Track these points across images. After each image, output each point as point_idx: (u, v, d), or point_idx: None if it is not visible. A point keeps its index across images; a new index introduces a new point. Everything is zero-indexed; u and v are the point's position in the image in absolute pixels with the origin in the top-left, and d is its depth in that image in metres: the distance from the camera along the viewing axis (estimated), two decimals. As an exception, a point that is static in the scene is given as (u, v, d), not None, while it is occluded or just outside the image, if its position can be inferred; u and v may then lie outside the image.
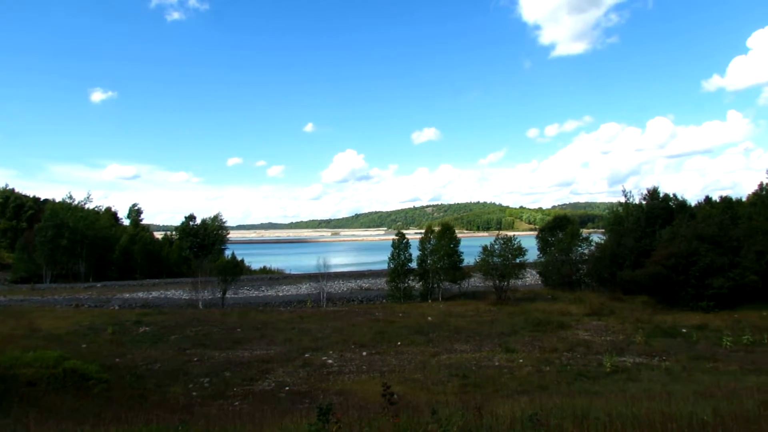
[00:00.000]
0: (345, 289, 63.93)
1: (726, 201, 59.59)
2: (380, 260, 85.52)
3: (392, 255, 55.94)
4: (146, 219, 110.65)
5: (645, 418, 7.60)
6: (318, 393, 20.81)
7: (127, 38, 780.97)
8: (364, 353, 29.12)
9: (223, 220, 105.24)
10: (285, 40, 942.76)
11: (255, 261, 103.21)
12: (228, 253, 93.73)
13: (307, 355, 28.46)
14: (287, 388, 22.07)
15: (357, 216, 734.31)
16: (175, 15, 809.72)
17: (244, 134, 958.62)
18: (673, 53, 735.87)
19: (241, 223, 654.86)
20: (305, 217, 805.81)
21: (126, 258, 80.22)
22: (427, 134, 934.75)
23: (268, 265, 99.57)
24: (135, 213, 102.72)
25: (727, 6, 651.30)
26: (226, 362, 27.13)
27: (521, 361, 26.75)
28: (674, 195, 58.87)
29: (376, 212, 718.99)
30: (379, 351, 29.71)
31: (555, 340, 32.40)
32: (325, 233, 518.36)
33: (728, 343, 29.86)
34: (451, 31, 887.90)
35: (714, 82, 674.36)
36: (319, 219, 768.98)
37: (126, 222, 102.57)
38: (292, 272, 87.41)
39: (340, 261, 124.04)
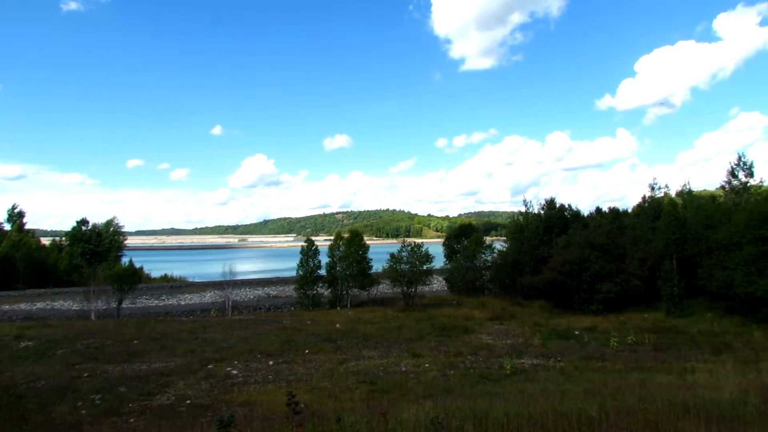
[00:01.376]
0: (252, 297, 62.39)
1: (614, 212, 64.35)
2: (289, 267, 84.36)
3: (301, 262, 55.32)
4: (32, 223, 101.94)
5: (539, 417, 8.01)
6: (221, 405, 20.03)
7: (13, 24, 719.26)
8: (271, 362, 28.46)
9: (120, 225, 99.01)
10: (194, 42, 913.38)
11: (155, 268, 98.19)
12: (125, 260, 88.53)
13: (210, 366, 27.35)
14: (188, 401, 21.06)
15: (266, 222, 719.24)
16: (72, 5, 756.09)
17: (145, 135, 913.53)
18: (570, 73, 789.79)
19: (141, 229, 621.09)
20: (211, 223, 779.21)
21: (6, 266, 73.01)
22: (339, 141, 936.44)
23: (169, 273, 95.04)
24: (16, 216, 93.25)
25: (618, 32, 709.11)
26: (121, 377, 25.43)
27: (427, 365, 27.26)
28: (569, 205, 62.97)
29: (285, 218, 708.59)
30: (286, 360, 29.15)
31: (460, 344, 33.37)
32: (232, 239, 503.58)
33: (615, 344, 32.26)
34: (365, 41, 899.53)
35: (606, 102, 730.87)
36: (225, 225, 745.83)
37: (7, 227, 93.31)
38: (196, 280, 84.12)
39: (247, 268, 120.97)
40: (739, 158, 53.77)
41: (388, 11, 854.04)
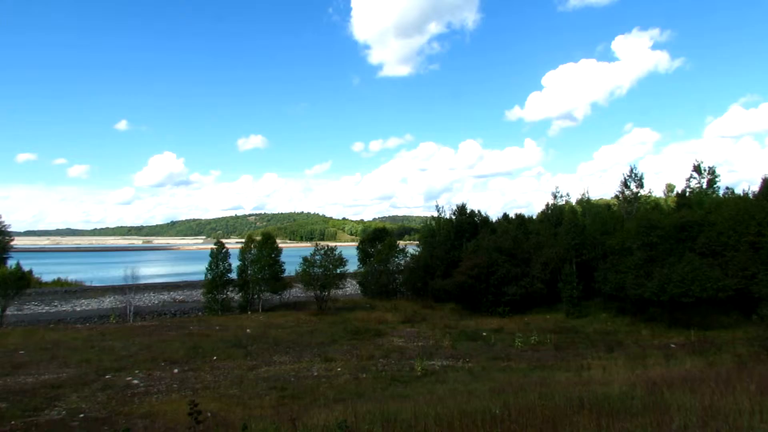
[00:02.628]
0: (156, 302, 59.56)
1: (520, 218, 67.37)
2: (197, 271, 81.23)
3: (210, 265, 53.43)
4: None
5: (446, 417, 8.23)
6: (119, 418, 18.87)
7: None
8: (176, 370, 27.25)
9: (5, 224, 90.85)
10: (103, 37, 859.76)
11: (48, 272, 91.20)
12: (11, 262, 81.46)
13: (108, 377, 25.73)
14: (82, 415, 19.63)
15: (173, 223, 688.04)
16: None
17: (39, 127, 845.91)
18: (483, 84, 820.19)
19: (32, 229, 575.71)
20: (112, 223, 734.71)
21: None
22: (254, 141, 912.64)
23: (63, 277, 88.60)
24: None
25: (528, 47, 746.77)
26: (3, 391, 23.30)
27: (339, 369, 27.21)
28: (479, 211, 65.37)
29: (194, 220, 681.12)
30: (192, 367, 28.02)
31: (372, 347, 33.59)
32: (136, 241, 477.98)
33: (519, 344, 33.78)
34: (283, 42, 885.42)
35: (515, 113, 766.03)
36: (128, 226, 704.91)
37: None
38: (94, 284, 78.85)
39: (152, 271, 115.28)
40: (631, 170, 58.19)
41: (307, 14, 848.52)
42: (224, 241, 60.97)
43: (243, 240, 63.12)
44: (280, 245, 59.50)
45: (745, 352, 26.43)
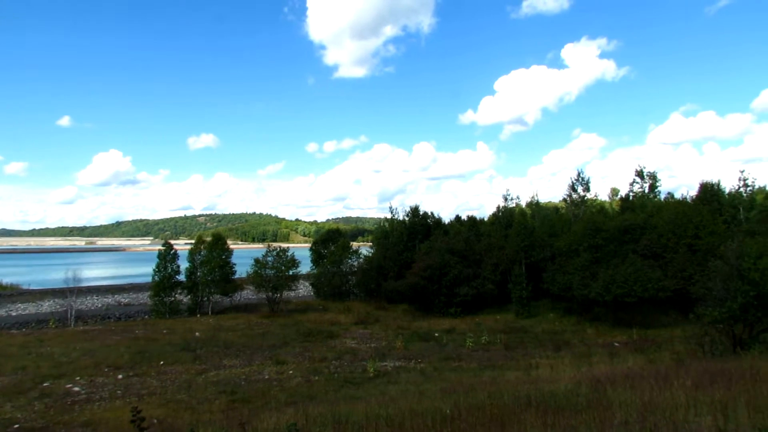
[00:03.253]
0: (100, 306, 57.44)
1: (472, 220, 68.32)
2: (144, 273, 78.78)
3: (158, 267, 51.89)
4: None
5: (397, 417, 8.27)
6: (58, 427, 18.09)
7: None
8: (120, 376, 26.36)
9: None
10: (45, 32, 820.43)
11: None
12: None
13: (46, 384, 24.61)
14: (17, 425, 18.69)
15: (119, 224, 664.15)
16: None
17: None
18: (438, 87, 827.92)
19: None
20: (53, 224, 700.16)
21: None
22: (205, 140, 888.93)
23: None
24: None
25: (481, 52, 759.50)
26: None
27: (291, 372, 26.95)
28: (432, 213, 65.88)
29: (141, 220, 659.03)
30: (138, 373, 27.17)
31: (325, 349, 33.43)
32: (78, 242, 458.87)
33: (470, 344, 34.30)
34: (238, 42, 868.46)
35: (468, 117, 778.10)
36: (70, 226, 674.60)
37: None
38: (32, 287, 75.24)
39: (95, 274, 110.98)
40: (578, 174, 60.13)
41: (262, 13, 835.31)
42: (173, 242, 59.38)
43: (192, 241, 61.63)
44: (231, 246, 58.40)
45: (683, 350, 27.68)
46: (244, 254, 66.12)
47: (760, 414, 7.11)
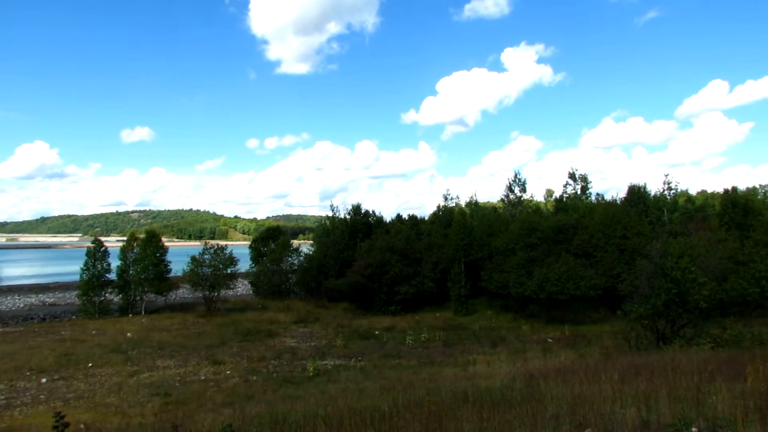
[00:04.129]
0: (22, 306, 54.57)
1: (413, 219, 69.02)
2: (71, 271, 75.09)
3: (86, 264, 49.53)
4: None
5: (335, 416, 8.26)
6: (-25, 434, 17.03)
7: None
8: (44, 380, 25.03)
9: None
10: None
11: None
12: None
13: (-38, 389, 23.09)
14: (-71, 432, 17.48)
15: (44, 219, 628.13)
16: None
17: None
18: (381, 86, 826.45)
19: None
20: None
21: None
22: (140, 134, 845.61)
23: None
24: None
25: (424, 53, 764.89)
26: None
27: (229, 372, 26.40)
28: (373, 212, 66.06)
29: (69, 216, 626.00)
30: (63, 376, 25.87)
31: (263, 348, 32.94)
32: None
33: (410, 341, 34.68)
34: (177, 34, 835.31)
35: (411, 116, 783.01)
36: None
37: None
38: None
39: (18, 272, 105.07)
40: (515, 176, 62.12)
41: (201, 4, 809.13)
42: (103, 239, 56.93)
43: (125, 238, 59.26)
44: (166, 244, 56.50)
45: (611, 345, 28.98)
46: (180, 252, 64.25)
47: (679, 404, 7.55)
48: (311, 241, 73.82)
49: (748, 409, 6.82)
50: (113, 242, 60.82)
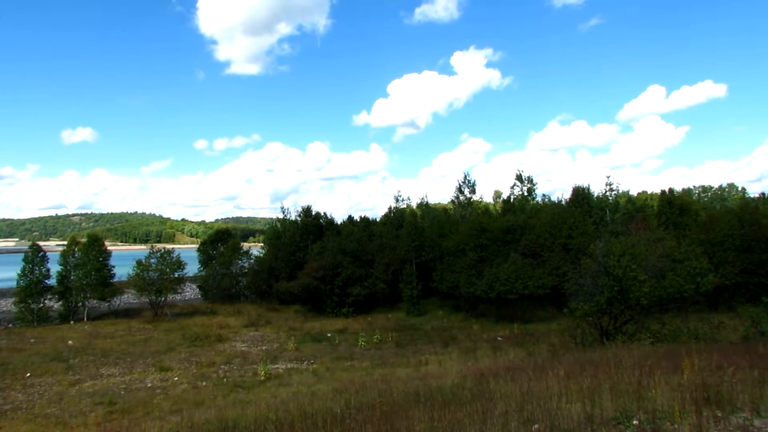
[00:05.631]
0: (-47, 314, 51.41)
1: (365, 220, 69.14)
2: (7, 277, 71.38)
3: (24, 270, 47.30)
4: None
5: (287, 419, 8.20)
6: None
7: None
8: (-22, 391, 23.75)
9: None
10: None
11: None
12: None
13: None
14: None
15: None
16: None
17: None
18: (332, 88, 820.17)
19: None
20: None
21: None
22: (82, 134, 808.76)
23: None
24: None
25: (376, 55, 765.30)
26: None
27: (177, 378, 25.72)
28: (325, 213, 65.79)
29: (5, 220, 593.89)
30: (0, 387, 24.62)
31: (213, 353, 32.25)
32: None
33: (363, 343, 34.69)
34: (120, 31, 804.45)
35: (362, 118, 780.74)
36: None
37: None
38: None
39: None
40: (465, 177, 63.00)
41: (147, 2, 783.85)
42: (43, 243, 54.51)
43: (65, 242, 56.85)
44: (110, 248, 54.58)
45: (558, 342, 29.86)
46: (124, 256, 62.24)
47: (621, 398, 7.87)
48: (262, 244, 72.78)
49: (685, 401, 7.17)
50: (53, 247, 58.21)
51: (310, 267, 50.36)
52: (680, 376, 9.02)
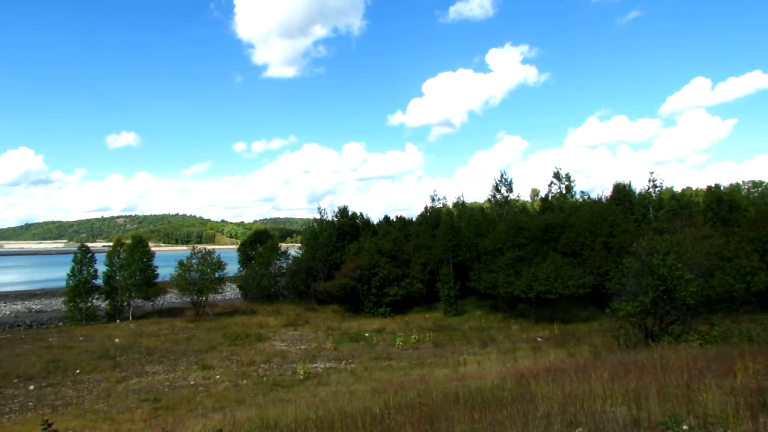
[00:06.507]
0: (8, 313, 53.84)
1: (401, 220, 69.04)
2: (57, 277, 74.16)
3: (73, 270, 49.04)
4: None
5: (327, 419, 8.23)
6: (-40, 444, 16.77)
7: None
8: (32, 387, 24.73)
9: None
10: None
11: None
12: None
13: (-54, 398, 22.73)
14: None
15: (28, 226, 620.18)
16: None
17: None
18: (368, 89, 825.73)
19: None
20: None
21: None
22: (126, 139, 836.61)
23: None
24: None
25: (410, 55, 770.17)
26: None
27: (218, 377, 26.24)
28: (361, 213, 66.03)
29: (54, 222, 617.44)
30: (51, 383, 25.59)
31: (253, 352, 32.77)
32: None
33: (400, 343, 34.67)
34: (160, 36, 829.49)
35: (397, 118, 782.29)
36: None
37: None
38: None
39: (2, 279, 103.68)
40: (502, 176, 62.32)
41: (187, 9, 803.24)
42: (89, 244, 56.33)
43: (111, 243, 58.71)
44: (153, 249, 56.13)
45: (600, 343, 29.19)
46: (167, 257, 63.78)
47: (669, 402, 7.61)
48: (299, 244, 73.45)
49: (739, 406, 6.89)
50: (99, 248, 60.09)
51: (347, 267, 50.62)
52: (733, 380, 8.69)
